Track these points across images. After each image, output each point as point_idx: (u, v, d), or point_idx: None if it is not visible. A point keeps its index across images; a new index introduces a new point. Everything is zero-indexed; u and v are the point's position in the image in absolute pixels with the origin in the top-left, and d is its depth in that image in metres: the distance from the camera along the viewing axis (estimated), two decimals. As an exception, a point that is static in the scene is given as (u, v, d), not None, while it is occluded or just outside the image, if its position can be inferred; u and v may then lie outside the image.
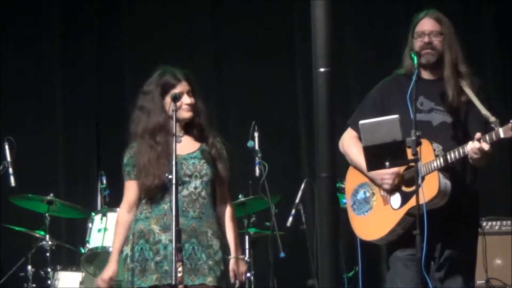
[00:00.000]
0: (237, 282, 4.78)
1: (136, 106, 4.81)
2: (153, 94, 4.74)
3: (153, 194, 4.70)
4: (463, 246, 4.75)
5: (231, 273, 4.74)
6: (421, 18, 4.82)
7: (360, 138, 4.81)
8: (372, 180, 4.78)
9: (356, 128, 4.87)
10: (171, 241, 4.58)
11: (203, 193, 4.71)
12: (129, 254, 4.72)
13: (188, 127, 4.75)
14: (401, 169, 4.67)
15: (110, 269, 4.79)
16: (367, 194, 4.81)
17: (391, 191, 4.69)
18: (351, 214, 4.87)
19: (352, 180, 4.90)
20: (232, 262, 4.76)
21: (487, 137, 4.50)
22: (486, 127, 4.66)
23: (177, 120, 4.68)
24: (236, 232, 4.84)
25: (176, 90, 4.71)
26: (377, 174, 4.70)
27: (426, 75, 4.78)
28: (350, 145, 4.89)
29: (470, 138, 4.67)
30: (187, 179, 4.65)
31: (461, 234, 4.73)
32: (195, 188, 4.68)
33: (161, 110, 4.72)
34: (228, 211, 4.85)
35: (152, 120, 4.72)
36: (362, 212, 4.82)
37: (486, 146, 4.49)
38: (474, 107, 4.70)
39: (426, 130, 4.58)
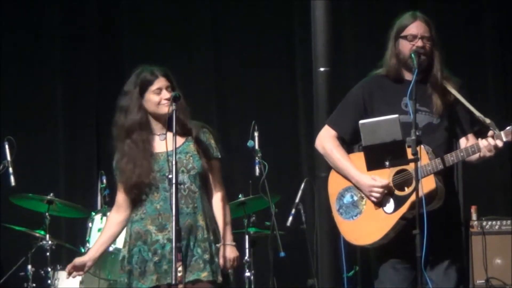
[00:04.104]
0: (227, 268, 4.72)
1: (116, 108, 4.81)
2: (131, 93, 4.74)
3: (134, 195, 4.70)
4: (454, 248, 4.77)
5: (220, 260, 4.69)
6: (411, 21, 4.75)
7: (339, 137, 4.84)
8: (357, 187, 4.75)
9: (336, 127, 4.86)
10: (168, 240, 4.60)
11: (192, 187, 4.69)
12: (126, 256, 4.71)
13: (170, 123, 4.68)
14: (390, 180, 4.65)
15: (83, 258, 4.83)
16: (355, 198, 4.75)
17: (385, 192, 4.66)
18: (338, 218, 4.79)
19: (336, 183, 4.83)
20: (221, 249, 4.71)
21: (495, 137, 4.54)
22: (472, 127, 4.74)
23: (158, 116, 4.68)
24: (226, 218, 4.78)
25: (154, 86, 4.71)
26: (365, 185, 4.68)
27: (409, 76, 4.75)
28: (332, 148, 4.82)
29: (457, 138, 4.76)
30: (171, 175, 4.53)
31: (451, 236, 4.74)
32: (184, 183, 4.65)
33: (138, 108, 4.72)
34: (219, 199, 4.79)
35: (129, 119, 4.72)
36: (350, 217, 4.75)
37: (500, 143, 4.53)
38: (460, 107, 4.73)
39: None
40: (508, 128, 4.55)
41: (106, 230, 4.87)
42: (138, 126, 4.71)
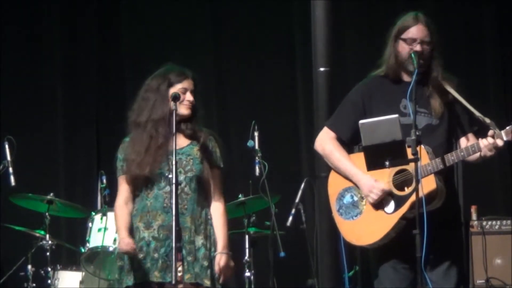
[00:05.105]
0: (222, 278, 4.74)
1: (138, 96, 4.82)
2: (159, 87, 4.77)
3: (138, 184, 4.71)
4: (454, 248, 4.77)
5: (215, 268, 4.71)
6: (411, 24, 4.73)
7: (338, 139, 4.83)
8: (357, 187, 4.74)
9: (335, 129, 4.85)
10: (153, 238, 4.65)
11: (186, 189, 4.71)
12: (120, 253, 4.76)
13: (180, 125, 4.73)
14: (390, 180, 4.64)
15: (125, 238, 4.72)
16: (355, 198, 4.74)
17: (383, 196, 4.65)
18: (338, 219, 4.79)
19: (335, 184, 4.83)
20: (216, 258, 4.73)
21: (495, 136, 4.54)
22: (472, 126, 4.75)
23: (171, 117, 4.68)
24: (224, 229, 4.80)
25: (182, 84, 4.75)
26: (365, 185, 4.66)
27: (407, 77, 4.74)
28: (332, 149, 4.81)
29: (457, 138, 4.77)
30: (171, 174, 4.58)
31: (451, 236, 4.74)
32: (179, 183, 4.65)
33: (166, 102, 4.73)
34: (218, 208, 4.82)
35: (158, 111, 4.73)
36: (350, 217, 4.74)
37: (500, 142, 4.53)
38: (459, 107, 4.73)
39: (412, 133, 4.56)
40: (508, 127, 4.55)
41: (122, 215, 4.76)
42: (165, 121, 4.72)
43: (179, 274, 4.40)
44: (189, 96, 4.76)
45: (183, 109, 4.73)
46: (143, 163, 4.68)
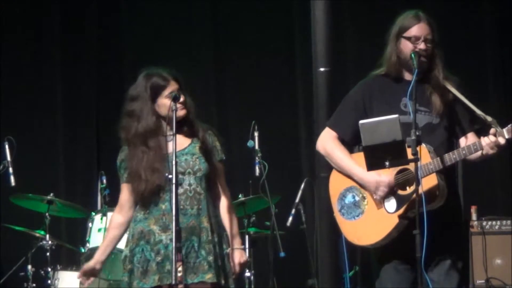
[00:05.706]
0: (236, 272, 4.76)
1: (124, 111, 4.75)
2: (142, 98, 4.68)
3: (147, 199, 4.68)
4: (456, 248, 4.76)
5: (231, 264, 4.72)
6: (415, 22, 4.74)
7: (340, 138, 4.83)
8: (361, 185, 4.73)
9: (336, 129, 4.85)
10: (171, 240, 4.56)
11: (198, 189, 4.68)
12: (128, 255, 4.70)
13: (178, 125, 4.68)
14: (392, 179, 4.65)
15: (90, 263, 4.82)
16: (357, 198, 4.73)
17: (390, 190, 4.65)
18: (340, 219, 4.78)
19: (337, 183, 4.82)
20: (235, 254, 4.75)
21: (497, 134, 4.55)
22: (472, 125, 4.75)
23: (170, 120, 4.64)
24: (233, 223, 4.80)
25: (167, 91, 4.67)
26: (370, 181, 4.66)
27: (408, 76, 4.74)
28: (334, 148, 4.81)
29: (457, 138, 4.76)
30: (180, 176, 4.58)
31: (452, 235, 4.74)
32: (190, 185, 4.64)
33: (151, 114, 4.67)
34: (225, 203, 4.81)
35: (143, 125, 4.66)
36: (352, 217, 4.74)
37: (502, 140, 4.53)
38: (459, 106, 4.73)
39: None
40: (510, 125, 4.55)
41: (109, 232, 4.84)
42: (152, 131, 4.67)
43: (179, 274, 4.39)
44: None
45: (178, 112, 4.63)
46: (145, 179, 4.65)
